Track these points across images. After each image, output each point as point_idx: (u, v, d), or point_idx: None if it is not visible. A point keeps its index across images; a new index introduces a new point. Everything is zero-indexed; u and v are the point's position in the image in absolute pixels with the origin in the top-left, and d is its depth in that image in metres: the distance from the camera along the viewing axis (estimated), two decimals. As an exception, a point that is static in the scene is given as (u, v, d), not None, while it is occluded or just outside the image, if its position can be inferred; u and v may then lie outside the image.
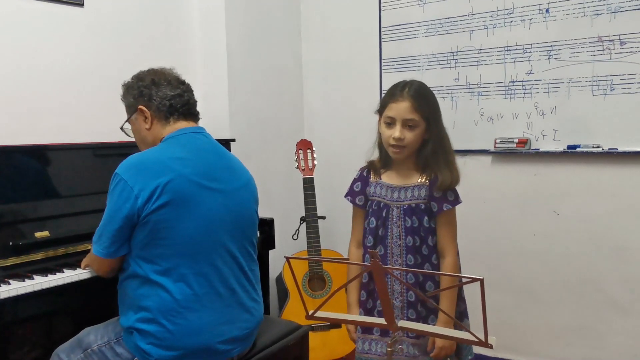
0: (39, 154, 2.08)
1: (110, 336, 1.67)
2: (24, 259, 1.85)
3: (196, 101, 1.83)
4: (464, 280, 1.15)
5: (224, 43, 2.91)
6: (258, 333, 1.84)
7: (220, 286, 1.64)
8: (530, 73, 2.67)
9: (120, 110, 1.85)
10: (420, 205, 1.79)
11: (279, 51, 3.26)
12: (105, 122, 2.21)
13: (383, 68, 3.11)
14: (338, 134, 3.31)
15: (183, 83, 1.80)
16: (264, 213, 2.54)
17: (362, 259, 1.88)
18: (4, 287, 1.68)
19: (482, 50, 2.78)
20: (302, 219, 2.91)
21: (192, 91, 1.83)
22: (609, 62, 2.47)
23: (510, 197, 2.78)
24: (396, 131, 1.73)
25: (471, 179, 2.69)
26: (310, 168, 2.88)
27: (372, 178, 1.88)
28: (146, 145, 1.76)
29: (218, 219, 1.65)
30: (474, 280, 1.13)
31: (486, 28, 2.77)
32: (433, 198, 1.77)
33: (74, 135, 2.38)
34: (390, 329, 1.31)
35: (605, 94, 2.49)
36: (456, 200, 1.79)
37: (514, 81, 2.71)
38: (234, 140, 2.74)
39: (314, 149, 2.92)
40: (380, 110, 1.81)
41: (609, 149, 2.49)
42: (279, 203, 3.12)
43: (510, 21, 2.70)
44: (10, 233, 1.88)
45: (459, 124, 2.84)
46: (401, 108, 1.72)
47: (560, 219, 2.66)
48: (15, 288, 1.68)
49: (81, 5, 2.46)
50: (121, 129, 1.87)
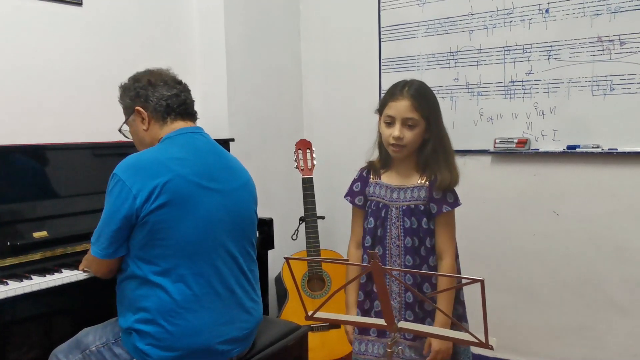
0: (37, 154, 2.08)
1: (109, 337, 1.67)
2: (22, 259, 1.84)
3: (194, 101, 1.82)
4: (464, 281, 1.14)
5: (223, 43, 2.90)
6: (257, 333, 1.83)
7: (220, 286, 1.64)
8: (530, 73, 2.66)
9: (119, 110, 1.84)
10: (420, 206, 1.78)
11: (278, 51, 3.26)
12: (103, 122, 2.20)
13: (382, 68, 3.10)
14: (337, 134, 3.30)
15: (180, 83, 1.79)
16: (263, 213, 2.53)
17: (362, 260, 1.88)
18: (1, 288, 1.67)
19: (482, 50, 2.78)
20: (302, 219, 2.90)
21: (189, 91, 1.81)
22: (608, 62, 2.47)
23: (510, 197, 2.78)
24: (396, 130, 1.72)
25: (471, 179, 2.68)
26: (309, 168, 2.87)
27: (372, 178, 1.87)
28: (144, 146, 1.75)
29: (217, 219, 1.64)
30: (475, 281, 1.12)
31: (486, 28, 2.76)
32: (432, 199, 1.77)
33: (73, 135, 2.37)
34: (390, 330, 1.30)
35: (605, 94, 2.49)
36: (456, 202, 1.78)
37: (513, 81, 2.71)
38: (233, 140, 2.73)
39: (313, 148, 2.91)
40: (380, 110, 1.80)
41: (609, 149, 2.48)
42: (278, 203, 3.11)
43: (510, 21, 2.69)
44: (8, 233, 1.87)
45: (458, 124, 2.84)
46: (401, 107, 1.72)
47: (560, 219, 2.65)
48: (14, 288, 1.67)
49: (80, 4, 2.45)
50: (119, 130, 1.86)
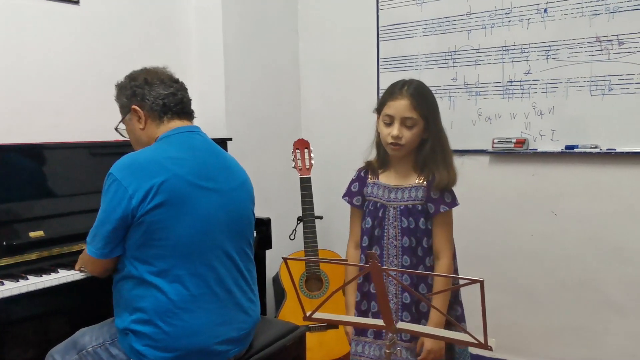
0: (33, 153, 2.06)
1: (106, 337, 1.66)
2: (18, 259, 1.83)
3: (190, 100, 1.80)
4: (464, 281, 1.14)
5: (220, 42, 2.89)
6: (255, 334, 1.82)
7: (217, 287, 1.63)
8: (528, 73, 2.66)
9: (116, 109, 1.82)
10: (417, 206, 1.77)
11: (276, 50, 3.25)
12: (100, 121, 2.18)
13: (380, 67, 3.09)
14: (335, 134, 3.29)
15: (176, 82, 1.77)
16: (261, 213, 2.52)
17: (360, 260, 1.87)
18: (-3, 288, 1.66)
19: (480, 50, 2.77)
20: (299, 219, 2.89)
21: (186, 90, 1.80)
22: (607, 63, 2.46)
23: (508, 198, 2.77)
24: (395, 129, 1.71)
25: (469, 179, 2.68)
26: (307, 168, 2.86)
27: (370, 178, 1.86)
28: (141, 146, 1.73)
29: (214, 219, 1.63)
30: (474, 281, 1.11)
31: (484, 28, 2.76)
32: (430, 199, 1.76)
33: (69, 134, 2.36)
34: (389, 331, 1.29)
35: (603, 94, 2.48)
36: (453, 202, 1.77)
37: (512, 81, 2.70)
38: (230, 139, 2.72)
39: (311, 148, 2.90)
40: (379, 109, 1.80)
41: (607, 150, 2.48)
42: (276, 203, 3.10)
43: (509, 21, 2.69)
44: (4, 233, 1.86)
45: (456, 124, 2.83)
46: (400, 106, 1.71)
47: (558, 219, 2.65)
48: (9, 289, 1.66)
49: (77, 3, 2.44)
50: (116, 129, 1.85)
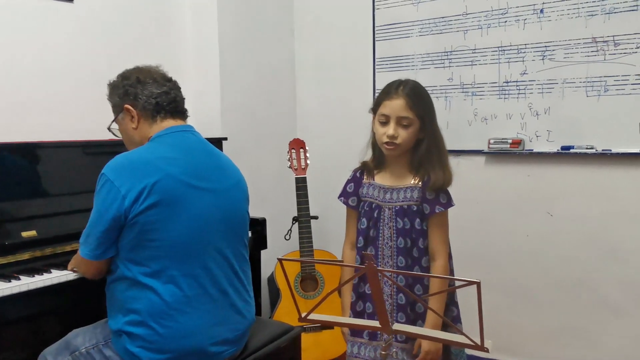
0: (26, 152, 2.05)
1: (99, 339, 1.64)
2: (10, 259, 1.81)
3: (184, 99, 1.79)
4: (460, 283, 1.13)
5: (216, 40, 2.88)
6: (250, 334, 1.81)
7: (211, 287, 1.61)
8: (524, 73, 2.66)
9: (110, 108, 1.81)
10: (412, 206, 1.76)
11: (272, 49, 3.23)
12: (94, 120, 2.16)
13: (376, 67, 3.09)
14: (331, 133, 3.28)
15: (170, 80, 1.76)
16: (256, 213, 2.51)
17: (355, 261, 1.86)
18: (-11, 288, 1.64)
19: (476, 50, 2.77)
20: (295, 219, 2.88)
21: (180, 88, 1.78)
22: (603, 63, 2.46)
23: (504, 198, 2.77)
24: (390, 129, 1.71)
25: (464, 179, 2.67)
26: (302, 167, 2.85)
27: (365, 179, 1.86)
28: (134, 145, 1.72)
29: (209, 219, 1.61)
30: (471, 283, 1.10)
31: (480, 28, 2.75)
32: (425, 200, 1.75)
33: (63, 133, 2.34)
34: (386, 333, 1.29)
35: (599, 95, 2.48)
36: (449, 203, 1.77)
37: (508, 81, 2.70)
38: (225, 139, 2.71)
39: (306, 148, 2.89)
40: (375, 109, 1.79)
41: (603, 150, 2.48)
42: (271, 203, 3.09)
43: (505, 21, 2.68)
44: (-4, 232, 1.85)
45: (452, 124, 2.83)
46: (396, 106, 1.71)
47: (554, 220, 2.65)
48: (1, 289, 1.65)
49: (70, 0, 2.42)
50: (108, 129, 1.83)
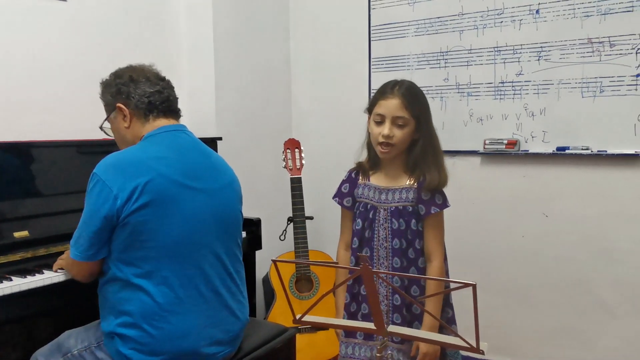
0: (18, 151, 2.03)
1: (91, 340, 1.63)
2: (2, 259, 1.80)
3: (177, 98, 1.77)
4: (456, 285, 1.12)
5: (211, 39, 2.86)
6: (244, 336, 1.80)
7: (205, 288, 1.60)
8: (520, 74, 2.65)
9: (104, 107, 1.80)
10: (408, 207, 1.76)
11: (268, 49, 3.22)
12: (88, 119, 2.14)
13: (372, 67, 3.08)
14: (326, 133, 3.28)
15: (162, 79, 1.74)
16: (251, 213, 2.50)
17: (350, 262, 1.85)
18: (-19, 289, 1.62)
19: (472, 51, 2.77)
20: (290, 220, 2.87)
21: (173, 88, 1.77)
22: (598, 64, 2.46)
23: (499, 199, 2.77)
24: (385, 129, 1.70)
25: (460, 179, 2.67)
26: (298, 168, 2.84)
27: (361, 179, 1.85)
28: (126, 145, 1.70)
29: (202, 219, 1.60)
30: (467, 285, 1.10)
31: (476, 28, 2.75)
32: (421, 201, 1.75)
33: (57, 132, 2.32)
34: (381, 335, 1.28)
35: (594, 96, 2.48)
36: (444, 204, 1.76)
37: (503, 82, 2.70)
38: (220, 138, 2.70)
39: (302, 148, 2.88)
40: (370, 108, 1.79)
41: (598, 151, 2.48)
42: (266, 203, 3.08)
43: (501, 22, 2.68)
44: (-12, 233, 1.83)
45: (448, 125, 2.82)
46: (391, 105, 1.70)
47: (549, 221, 2.65)
48: (-7, 290, 1.63)
49: (64, -1, 2.41)
50: (100, 128, 1.82)
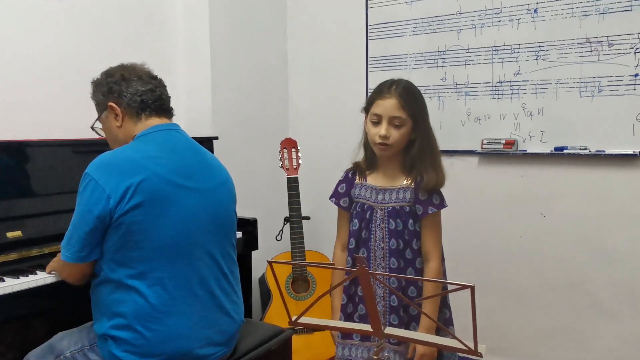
0: (12, 150, 2.01)
1: (84, 342, 1.61)
2: (-5, 260, 1.78)
3: (169, 97, 1.75)
4: (454, 287, 1.11)
5: (207, 38, 2.84)
6: (240, 337, 1.79)
7: (199, 289, 1.58)
8: (518, 73, 2.64)
9: (99, 106, 1.78)
10: (405, 207, 1.74)
11: (264, 48, 3.21)
12: (83, 118, 2.12)
13: (369, 67, 3.06)
14: (323, 133, 3.26)
15: (155, 78, 1.73)
16: (247, 213, 2.48)
17: (347, 262, 1.84)
18: (-28, 290, 1.60)
19: (470, 50, 2.75)
20: (286, 220, 2.86)
21: (165, 86, 1.75)
22: (596, 64, 2.45)
23: (497, 199, 2.76)
24: (382, 129, 1.69)
25: (458, 179, 2.65)
26: (294, 167, 2.83)
27: (357, 180, 1.84)
28: (118, 144, 1.68)
29: (196, 219, 1.58)
30: (464, 287, 1.08)
31: (474, 27, 2.74)
32: (418, 201, 1.73)
33: (51, 131, 2.30)
34: (377, 336, 1.26)
35: (592, 96, 2.47)
36: (442, 204, 1.75)
37: (501, 81, 2.68)
38: (217, 138, 2.68)
39: (298, 148, 2.87)
40: (367, 108, 1.77)
41: (596, 151, 2.47)
42: (262, 203, 3.06)
43: (499, 21, 2.67)
44: (-20, 233, 1.81)
45: (445, 124, 2.81)
46: (388, 105, 1.69)
47: (547, 221, 2.64)
48: (-15, 291, 1.61)
49: (59, -3, 2.39)
50: (92, 128, 1.80)
